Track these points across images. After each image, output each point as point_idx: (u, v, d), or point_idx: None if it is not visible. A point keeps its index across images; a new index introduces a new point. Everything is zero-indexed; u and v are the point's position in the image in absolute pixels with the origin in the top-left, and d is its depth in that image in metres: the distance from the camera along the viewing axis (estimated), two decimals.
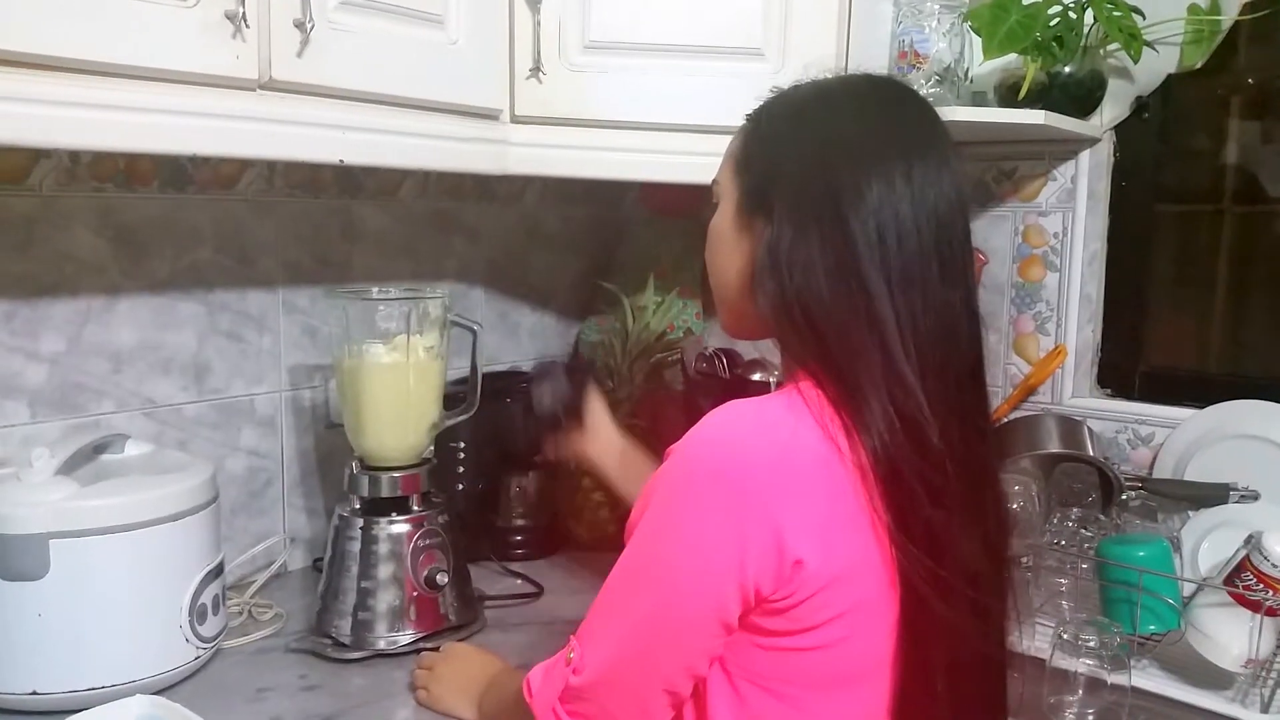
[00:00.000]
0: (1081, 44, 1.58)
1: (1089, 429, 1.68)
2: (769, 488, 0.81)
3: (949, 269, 0.87)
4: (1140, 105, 1.72)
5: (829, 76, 0.95)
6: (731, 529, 0.81)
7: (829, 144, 0.89)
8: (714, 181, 0.99)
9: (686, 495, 0.84)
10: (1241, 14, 1.59)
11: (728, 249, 0.96)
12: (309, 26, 1.11)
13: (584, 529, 1.74)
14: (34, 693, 1.11)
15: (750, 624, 0.85)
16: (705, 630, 0.85)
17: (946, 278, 0.87)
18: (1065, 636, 1.29)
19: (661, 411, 1.71)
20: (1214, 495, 1.52)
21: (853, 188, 0.85)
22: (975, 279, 0.90)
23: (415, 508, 1.38)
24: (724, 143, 1.00)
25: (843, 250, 0.84)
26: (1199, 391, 1.68)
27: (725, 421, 0.85)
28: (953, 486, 0.85)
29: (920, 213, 0.86)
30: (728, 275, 0.96)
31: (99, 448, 1.26)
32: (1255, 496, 1.51)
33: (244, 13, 1.05)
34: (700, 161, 1.09)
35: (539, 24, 1.38)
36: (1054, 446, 1.66)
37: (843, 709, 0.89)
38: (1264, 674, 1.29)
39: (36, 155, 1.29)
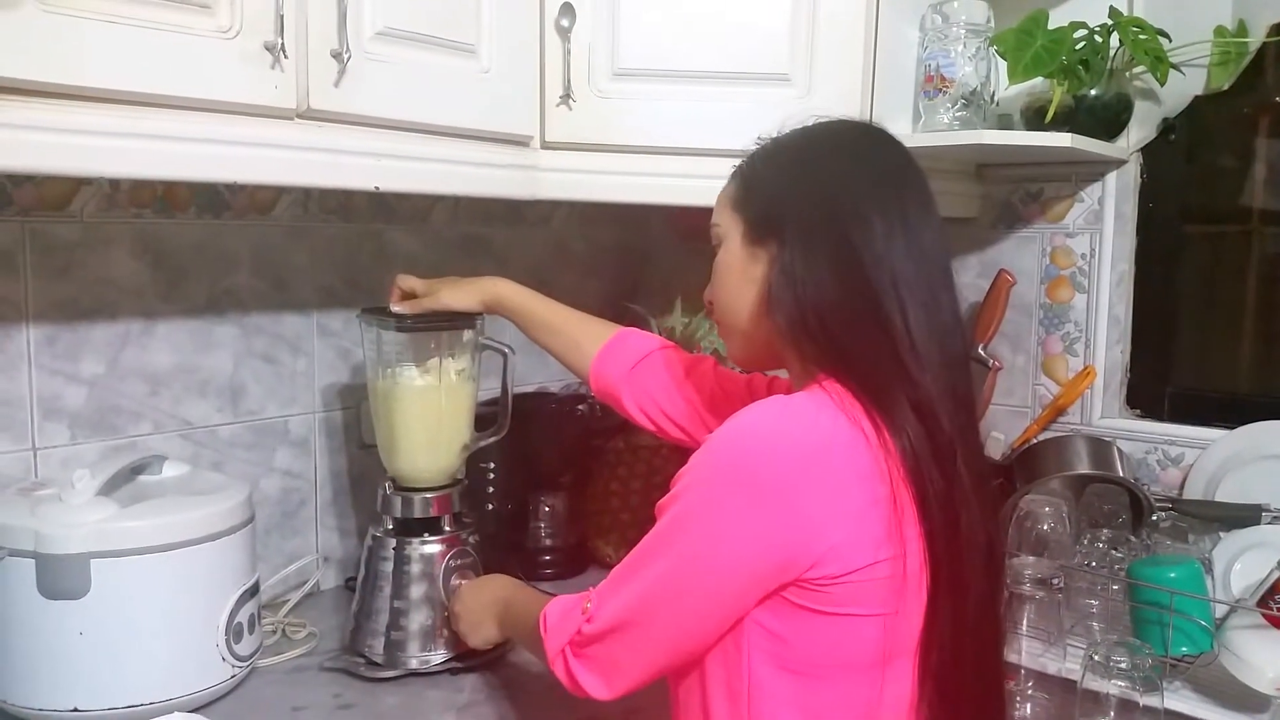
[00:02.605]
0: (1107, 67, 1.59)
1: (1119, 450, 1.67)
2: (795, 476, 0.86)
3: (940, 279, 0.95)
4: (1167, 127, 1.71)
5: (809, 124, 1.02)
6: (757, 518, 0.86)
7: (827, 173, 0.97)
8: (713, 224, 1.05)
9: (716, 483, 0.89)
10: (1268, 36, 1.59)
11: (737, 279, 1.01)
12: (346, 57, 1.13)
13: (612, 549, 1.75)
14: (75, 710, 1.13)
15: (790, 600, 0.88)
16: (717, 606, 0.90)
17: (938, 284, 0.94)
18: (1096, 658, 1.29)
19: None
20: (1245, 516, 1.51)
21: (853, 210, 0.93)
22: (957, 296, 0.97)
23: (447, 528, 1.40)
24: None
25: (850, 258, 0.92)
26: (1228, 412, 1.67)
27: (756, 416, 0.91)
28: (960, 469, 0.91)
29: (912, 238, 0.93)
30: (740, 303, 1.01)
31: (137, 469, 1.28)
32: None
33: (283, 44, 1.07)
34: None
35: (569, 52, 1.40)
36: (1084, 467, 1.65)
37: (885, 687, 0.92)
38: None
39: (78, 183, 1.33)
